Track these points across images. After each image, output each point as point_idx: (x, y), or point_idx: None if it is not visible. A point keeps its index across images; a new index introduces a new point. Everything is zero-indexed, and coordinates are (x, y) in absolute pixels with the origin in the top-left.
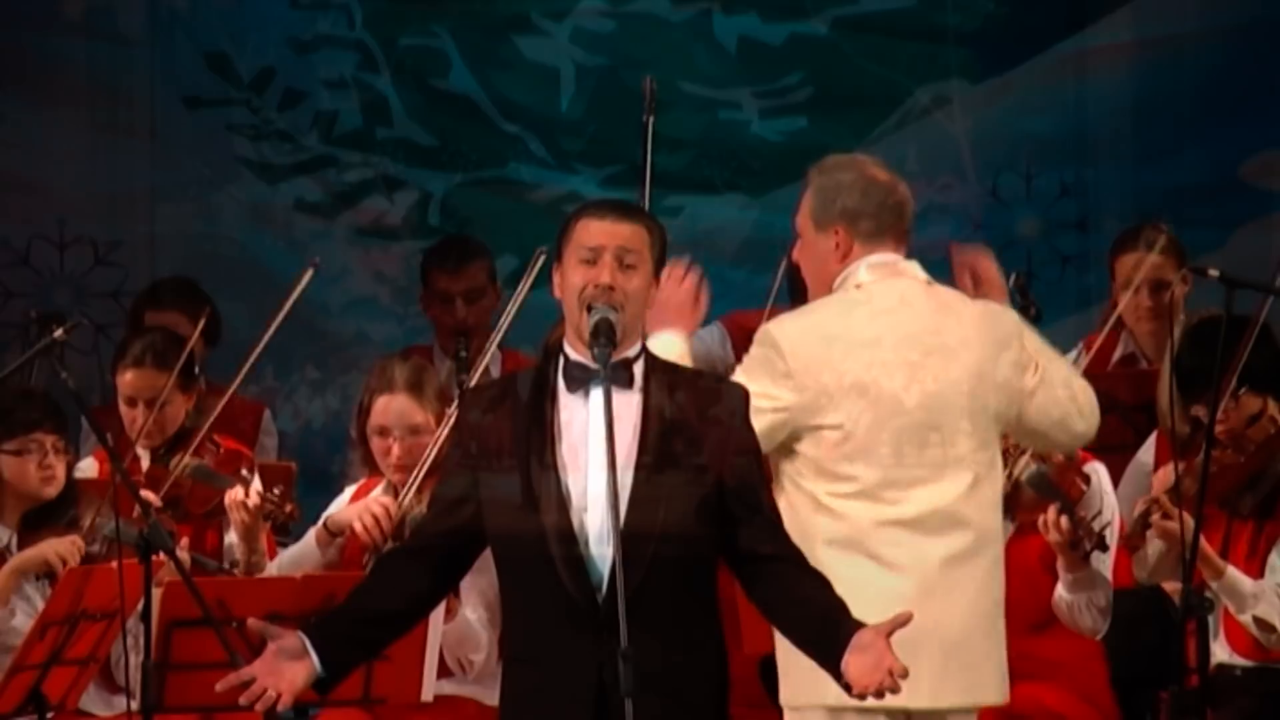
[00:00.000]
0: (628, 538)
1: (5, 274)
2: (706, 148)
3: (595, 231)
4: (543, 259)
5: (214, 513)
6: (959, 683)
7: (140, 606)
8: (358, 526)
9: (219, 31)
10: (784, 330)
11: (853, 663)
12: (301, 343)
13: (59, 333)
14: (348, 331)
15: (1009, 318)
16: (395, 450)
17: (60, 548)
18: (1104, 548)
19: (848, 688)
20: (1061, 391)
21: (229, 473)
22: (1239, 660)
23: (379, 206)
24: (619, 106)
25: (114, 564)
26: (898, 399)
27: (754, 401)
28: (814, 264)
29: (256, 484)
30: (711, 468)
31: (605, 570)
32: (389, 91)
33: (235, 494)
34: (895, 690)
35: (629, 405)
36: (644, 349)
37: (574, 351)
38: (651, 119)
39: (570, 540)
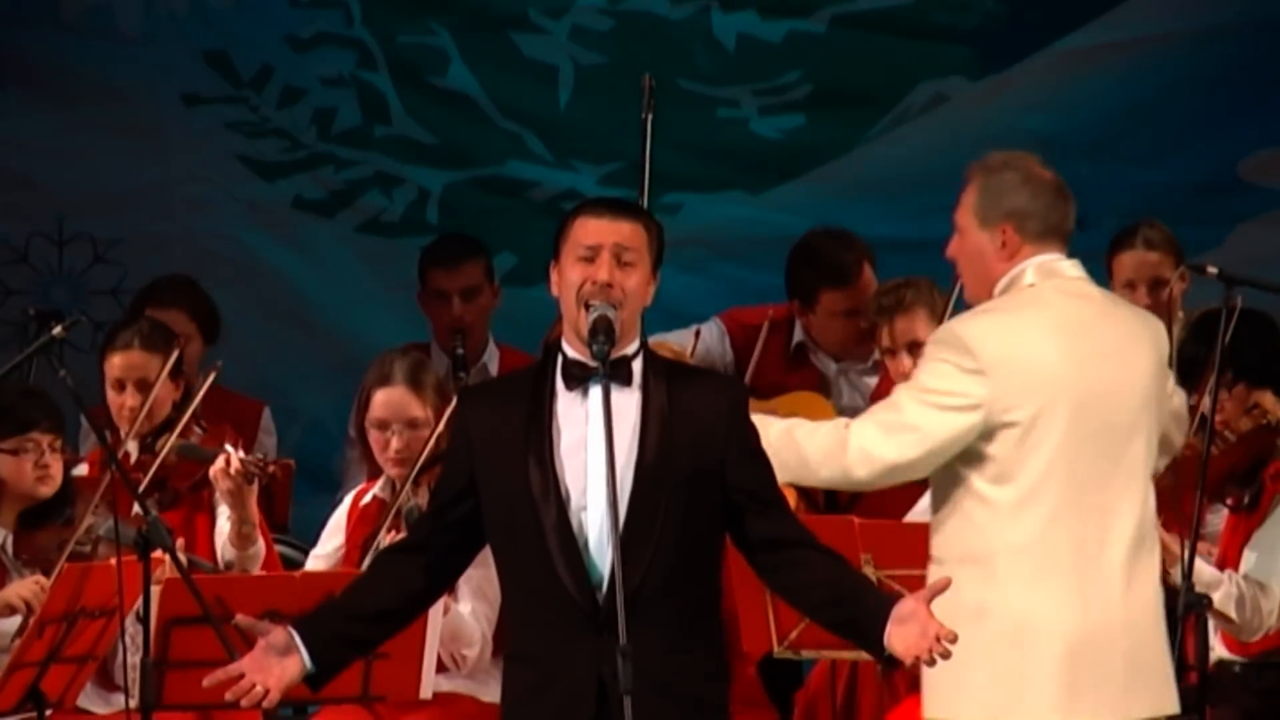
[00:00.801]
0: (628, 537)
1: (4, 271)
2: (705, 145)
3: (593, 229)
4: None
5: (199, 485)
6: (1145, 694)
7: (139, 604)
8: None
9: (217, 29)
10: (969, 328)
11: (896, 634)
12: (299, 340)
13: (57, 330)
14: (346, 329)
15: (1160, 323)
16: (393, 444)
17: (23, 590)
18: None
19: (891, 660)
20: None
21: (214, 447)
22: (1235, 656)
23: (377, 204)
24: (617, 104)
25: (112, 562)
26: (1082, 400)
27: (940, 401)
28: (976, 262)
29: (240, 452)
30: (713, 465)
31: (605, 569)
32: (387, 89)
33: (218, 464)
34: (945, 656)
35: (628, 403)
36: (643, 346)
37: (572, 349)
38: (650, 116)
39: (570, 539)
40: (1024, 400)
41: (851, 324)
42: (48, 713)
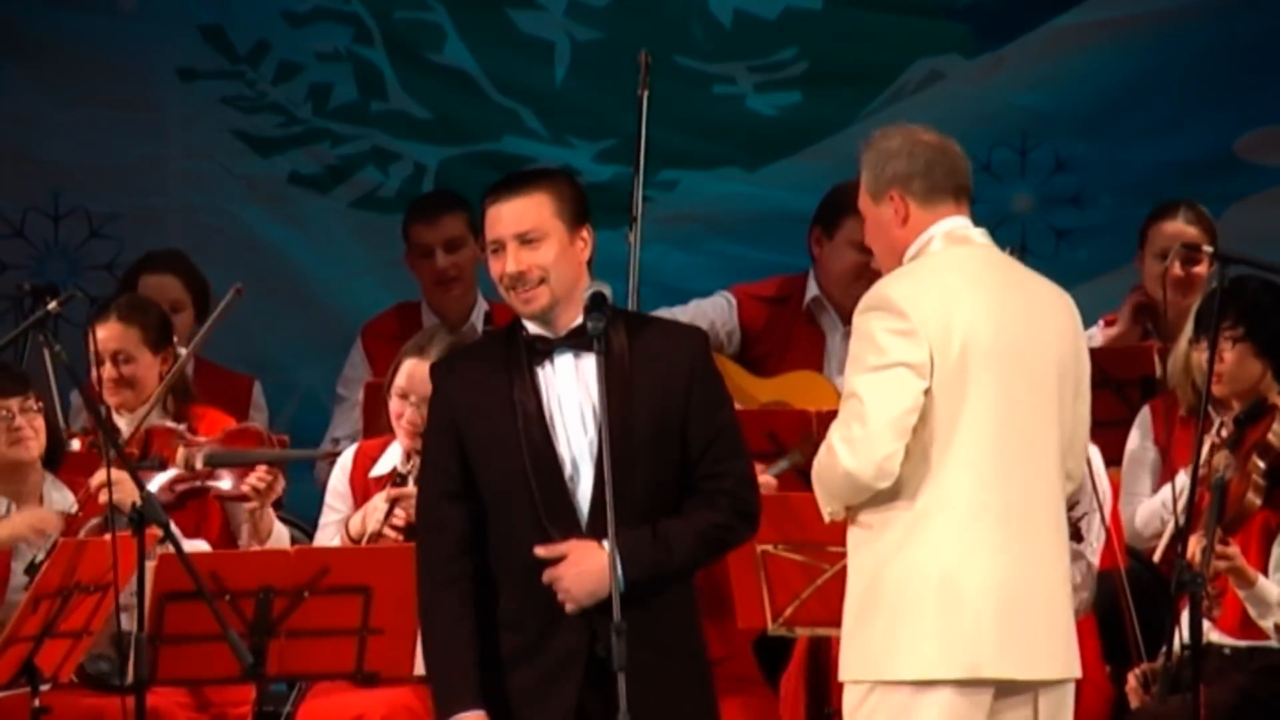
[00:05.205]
0: (600, 498)
1: None
2: (701, 122)
3: (492, 220)
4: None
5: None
6: (1060, 655)
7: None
8: (391, 534)
9: (213, 4)
10: (895, 290)
11: None
12: (294, 315)
13: (53, 305)
14: (341, 304)
15: (1070, 300)
16: (408, 415)
17: (32, 520)
18: (1078, 539)
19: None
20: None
21: (240, 449)
22: (1227, 640)
23: (373, 179)
24: (614, 80)
25: (107, 537)
26: (1004, 359)
27: (892, 375)
28: (881, 238)
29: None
30: (676, 416)
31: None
32: (383, 64)
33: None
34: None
35: (590, 368)
36: (593, 301)
37: (531, 325)
38: (646, 93)
39: (562, 508)
40: (951, 358)
41: (861, 261)
42: (42, 688)
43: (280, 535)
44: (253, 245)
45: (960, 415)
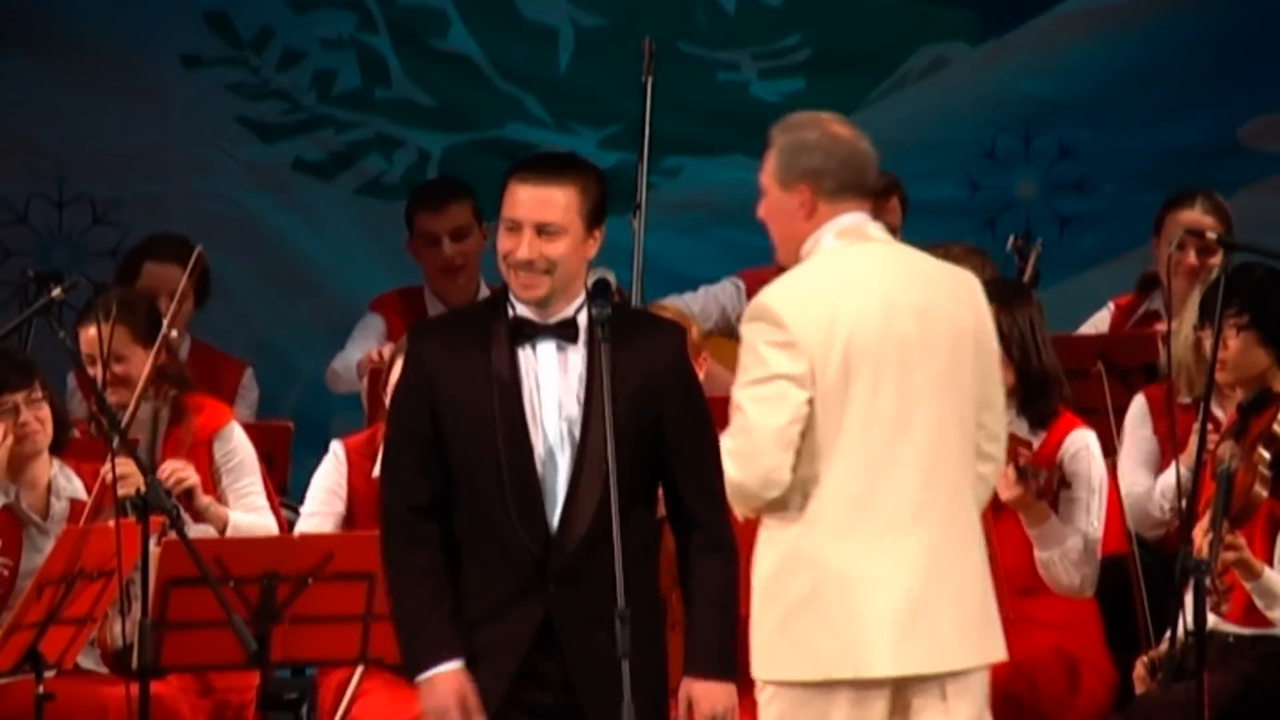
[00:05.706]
0: (576, 489)
1: (3, 233)
2: (705, 109)
3: (516, 199)
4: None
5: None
6: (972, 644)
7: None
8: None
9: None
10: (774, 298)
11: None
12: (298, 302)
13: (56, 292)
14: (344, 290)
15: (974, 281)
16: None
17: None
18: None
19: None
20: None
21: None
22: (1231, 627)
23: (377, 166)
24: (618, 67)
25: (111, 523)
26: (889, 354)
27: (772, 388)
28: (781, 222)
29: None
30: (653, 417)
31: (557, 521)
32: (387, 51)
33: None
34: None
35: (576, 360)
36: (597, 288)
37: (519, 306)
38: (650, 80)
39: (529, 491)
40: (832, 365)
41: None
42: (46, 674)
43: (236, 524)
44: (256, 232)
45: (845, 420)
